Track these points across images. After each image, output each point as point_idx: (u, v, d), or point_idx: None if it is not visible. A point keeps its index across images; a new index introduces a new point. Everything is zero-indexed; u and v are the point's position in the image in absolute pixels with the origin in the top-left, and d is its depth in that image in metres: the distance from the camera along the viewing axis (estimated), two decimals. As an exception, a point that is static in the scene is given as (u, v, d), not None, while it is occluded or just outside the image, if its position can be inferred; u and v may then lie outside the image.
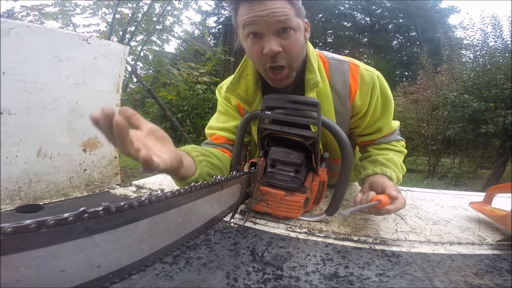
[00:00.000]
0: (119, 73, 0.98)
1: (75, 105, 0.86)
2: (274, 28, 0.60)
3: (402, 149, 0.82)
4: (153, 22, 3.78)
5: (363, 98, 0.73)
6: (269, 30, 0.60)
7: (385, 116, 0.78)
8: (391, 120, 0.80)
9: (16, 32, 0.72)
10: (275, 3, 0.58)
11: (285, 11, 0.59)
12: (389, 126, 0.80)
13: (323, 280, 0.45)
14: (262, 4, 0.58)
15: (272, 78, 0.67)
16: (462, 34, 6.98)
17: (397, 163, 0.74)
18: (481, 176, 5.29)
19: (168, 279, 0.43)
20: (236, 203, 0.56)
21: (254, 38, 0.63)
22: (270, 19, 0.58)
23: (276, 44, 0.60)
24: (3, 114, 0.72)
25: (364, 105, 0.74)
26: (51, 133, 0.82)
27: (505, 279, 0.47)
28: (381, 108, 0.77)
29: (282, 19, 0.59)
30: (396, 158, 0.75)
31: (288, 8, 0.59)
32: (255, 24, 0.60)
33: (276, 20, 0.59)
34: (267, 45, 0.61)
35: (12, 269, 0.19)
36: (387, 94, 0.77)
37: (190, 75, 4.16)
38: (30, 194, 0.78)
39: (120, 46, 0.99)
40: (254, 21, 0.60)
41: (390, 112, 0.79)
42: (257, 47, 0.63)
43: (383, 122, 0.78)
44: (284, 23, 0.59)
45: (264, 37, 0.61)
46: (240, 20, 0.62)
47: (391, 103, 0.78)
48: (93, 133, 0.92)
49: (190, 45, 4.98)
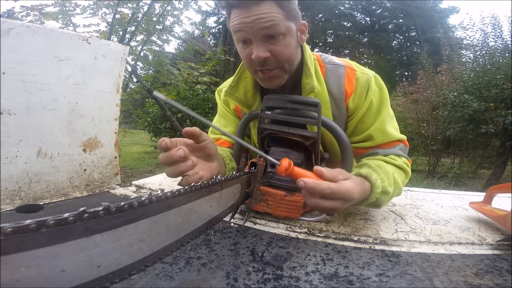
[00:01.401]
0: (119, 73, 0.98)
1: (75, 105, 0.86)
2: (261, 35, 0.59)
3: (403, 165, 0.70)
4: (153, 22, 3.79)
5: (357, 101, 0.70)
6: (256, 37, 0.59)
7: (379, 121, 0.71)
8: (387, 128, 0.71)
9: (16, 32, 0.72)
10: (262, 8, 0.57)
11: (271, 17, 0.57)
12: (384, 134, 0.71)
13: (323, 280, 0.45)
14: (248, 10, 0.57)
15: (262, 78, 0.66)
16: (462, 34, 6.99)
17: (388, 173, 0.64)
18: (481, 176, 5.30)
19: (168, 279, 0.43)
20: (236, 203, 0.56)
21: (244, 44, 0.63)
22: (255, 26, 0.58)
23: (263, 50, 0.60)
24: (3, 114, 0.72)
25: (357, 107, 0.71)
26: (51, 133, 0.82)
27: (505, 279, 0.47)
28: (374, 112, 0.71)
29: (268, 25, 0.57)
30: (390, 168, 0.66)
31: (276, 12, 0.58)
32: (242, 31, 0.60)
33: (262, 27, 0.57)
34: (254, 51, 0.60)
35: (12, 269, 0.19)
36: (382, 98, 0.72)
37: (190, 75, 4.17)
38: (30, 194, 0.78)
39: (120, 46, 0.99)
40: (241, 28, 0.59)
41: (384, 117, 0.71)
42: (246, 52, 0.63)
43: (376, 128, 0.70)
44: (270, 29, 0.58)
45: (252, 43, 0.61)
46: (231, 26, 0.62)
47: (386, 107, 0.72)
48: (93, 133, 0.92)
49: (190, 45, 4.98)
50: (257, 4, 0.57)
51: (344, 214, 0.74)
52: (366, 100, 0.70)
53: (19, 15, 3.01)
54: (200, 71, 4.40)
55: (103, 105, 0.95)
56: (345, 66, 0.73)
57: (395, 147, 0.73)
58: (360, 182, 0.56)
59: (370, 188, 0.58)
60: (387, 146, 0.72)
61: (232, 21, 0.61)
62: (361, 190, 0.55)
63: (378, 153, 0.72)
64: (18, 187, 0.76)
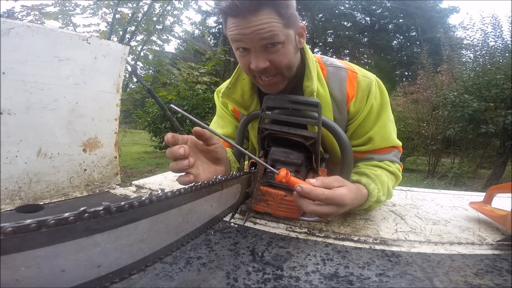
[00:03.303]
0: (119, 73, 0.98)
1: (75, 105, 0.86)
2: (260, 45, 0.58)
3: (396, 171, 0.73)
4: (153, 22, 3.79)
5: (358, 105, 0.70)
6: (255, 47, 0.59)
7: (378, 125, 0.72)
8: (386, 132, 0.72)
9: (16, 32, 0.72)
10: (261, 18, 0.55)
11: (270, 27, 0.56)
12: (383, 139, 0.72)
13: (323, 280, 0.45)
14: (247, 20, 0.55)
15: (262, 84, 0.66)
16: (462, 34, 7.00)
17: (384, 183, 0.67)
18: (481, 176, 5.30)
19: (168, 279, 0.43)
20: (236, 203, 0.56)
21: (243, 52, 0.62)
22: (254, 37, 0.56)
23: (262, 60, 0.59)
24: (3, 114, 0.72)
25: (358, 111, 0.71)
26: (51, 133, 0.82)
27: (505, 279, 0.47)
28: (375, 116, 0.72)
29: (267, 36, 0.56)
30: (385, 178, 0.68)
31: (275, 21, 0.56)
32: (241, 41, 0.59)
33: (261, 37, 0.56)
34: (253, 62, 0.60)
35: (12, 269, 0.19)
36: (383, 102, 0.73)
37: (190, 75, 4.17)
38: (30, 194, 0.78)
39: (120, 46, 0.99)
40: (239, 38, 0.58)
41: (384, 122, 0.72)
42: (245, 61, 0.63)
43: (375, 132, 0.71)
44: (269, 39, 0.57)
45: (250, 52, 0.60)
46: (229, 34, 0.61)
47: (386, 111, 0.73)
48: (93, 133, 0.92)
49: (190, 45, 4.99)
50: (255, 14, 0.55)
51: (344, 214, 0.74)
52: (367, 104, 0.70)
53: (19, 15, 3.01)
54: (200, 71, 4.41)
55: (103, 105, 0.95)
56: (346, 68, 0.72)
57: (390, 153, 0.75)
58: (356, 189, 0.59)
59: (366, 196, 0.63)
60: (383, 151, 0.74)
61: (229, 29, 0.59)
62: (356, 196, 0.58)
63: (374, 159, 0.73)
64: (18, 187, 0.76)
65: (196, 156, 0.55)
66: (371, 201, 0.63)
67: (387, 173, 0.71)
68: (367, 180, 0.64)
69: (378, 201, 0.65)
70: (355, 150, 0.73)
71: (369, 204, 0.64)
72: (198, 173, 0.53)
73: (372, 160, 0.73)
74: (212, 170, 0.58)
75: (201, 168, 0.55)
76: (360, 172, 0.69)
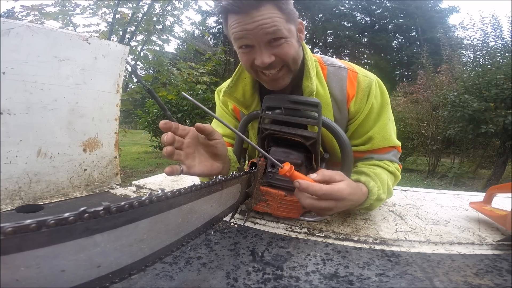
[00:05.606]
0: (119, 73, 0.98)
1: (75, 105, 0.86)
2: (264, 40, 0.58)
3: (395, 170, 0.73)
4: (153, 22, 3.78)
5: (358, 104, 0.71)
6: (259, 43, 0.59)
7: (379, 125, 0.72)
8: (386, 132, 0.72)
9: (16, 32, 0.72)
10: (263, 13, 0.55)
11: (274, 22, 0.56)
12: (383, 138, 0.72)
13: (323, 280, 0.45)
14: (249, 16, 0.56)
15: (266, 80, 0.66)
16: (462, 34, 6.99)
17: (384, 181, 0.67)
18: (481, 176, 5.30)
19: (168, 279, 0.43)
20: (236, 203, 0.56)
21: (246, 49, 0.62)
22: (259, 32, 0.56)
23: (267, 56, 0.59)
24: (3, 114, 0.72)
25: (358, 111, 0.71)
26: (51, 133, 0.82)
27: (505, 279, 0.47)
28: (375, 115, 0.72)
29: (271, 30, 0.57)
30: (385, 176, 0.69)
31: (277, 16, 0.57)
32: (245, 38, 0.59)
33: (265, 32, 0.57)
34: (258, 57, 0.60)
35: (12, 269, 0.19)
36: (383, 102, 0.72)
37: (190, 75, 4.17)
38: (30, 194, 0.78)
39: (120, 46, 0.99)
40: (243, 35, 0.58)
41: (384, 122, 0.72)
42: (249, 58, 0.62)
43: (375, 132, 0.71)
44: (274, 34, 0.57)
45: (255, 48, 0.60)
46: (231, 32, 0.61)
47: (386, 111, 0.73)
48: (93, 133, 0.92)
49: (190, 45, 4.98)
50: (257, 9, 0.55)
51: (344, 214, 0.74)
52: (367, 104, 0.70)
53: (19, 15, 3.01)
54: (200, 71, 4.41)
55: (103, 105, 0.95)
56: (347, 68, 0.72)
57: (390, 152, 0.74)
58: (356, 187, 0.59)
59: (366, 194, 0.63)
60: (382, 151, 0.74)
61: (231, 27, 0.59)
62: (355, 192, 0.58)
63: (373, 158, 0.73)
64: (18, 187, 0.76)
65: (195, 148, 0.55)
66: (371, 199, 0.63)
67: (387, 172, 0.71)
68: (367, 178, 0.64)
69: (378, 199, 0.65)
70: (355, 150, 0.73)
71: (370, 203, 0.63)
72: (192, 165, 0.53)
73: (372, 159, 0.73)
74: (209, 164, 0.57)
75: (198, 160, 0.55)
76: (359, 171, 0.68)
